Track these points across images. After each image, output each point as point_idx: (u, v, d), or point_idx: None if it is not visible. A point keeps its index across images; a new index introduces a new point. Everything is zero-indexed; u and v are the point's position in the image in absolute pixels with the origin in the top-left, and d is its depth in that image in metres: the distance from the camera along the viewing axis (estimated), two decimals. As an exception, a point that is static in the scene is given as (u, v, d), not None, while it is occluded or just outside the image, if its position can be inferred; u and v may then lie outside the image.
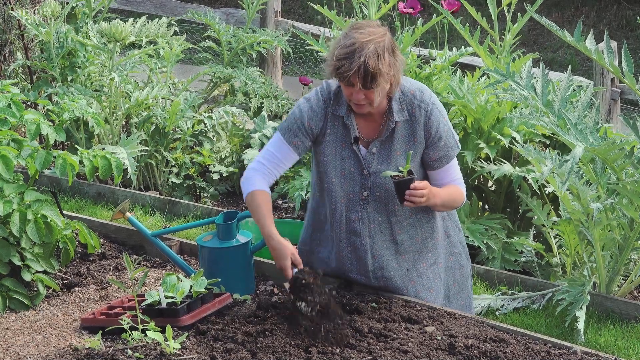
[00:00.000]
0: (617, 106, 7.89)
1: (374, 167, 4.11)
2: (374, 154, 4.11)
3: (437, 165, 4.16)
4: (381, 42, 3.90)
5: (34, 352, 3.88)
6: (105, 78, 6.79)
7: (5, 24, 7.38)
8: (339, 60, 3.90)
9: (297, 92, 8.53)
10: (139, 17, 7.55)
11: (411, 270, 4.23)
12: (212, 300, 4.04)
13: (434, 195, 4.06)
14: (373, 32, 3.92)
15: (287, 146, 4.11)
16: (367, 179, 4.12)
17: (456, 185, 4.20)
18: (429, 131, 4.10)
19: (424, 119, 4.08)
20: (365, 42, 3.88)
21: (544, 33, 13.71)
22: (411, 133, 4.10)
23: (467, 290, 4.40)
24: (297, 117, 4.11)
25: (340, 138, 4.12)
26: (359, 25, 3.97)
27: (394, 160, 4.09)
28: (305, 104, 4.13)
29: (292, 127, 4.11)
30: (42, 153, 4.37)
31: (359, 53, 3.86)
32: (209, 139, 7.03)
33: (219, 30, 7.85)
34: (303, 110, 4.12)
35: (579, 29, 4.72)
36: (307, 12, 14.97)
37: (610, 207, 4.88)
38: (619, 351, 4.61)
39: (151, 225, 6.08)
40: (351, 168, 4.12)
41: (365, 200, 4.14)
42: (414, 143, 4.10)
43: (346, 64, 3.88)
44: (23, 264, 4.39)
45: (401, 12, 6.45)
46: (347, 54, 3.88)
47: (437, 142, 4.11)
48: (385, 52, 3.90)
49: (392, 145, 4.10)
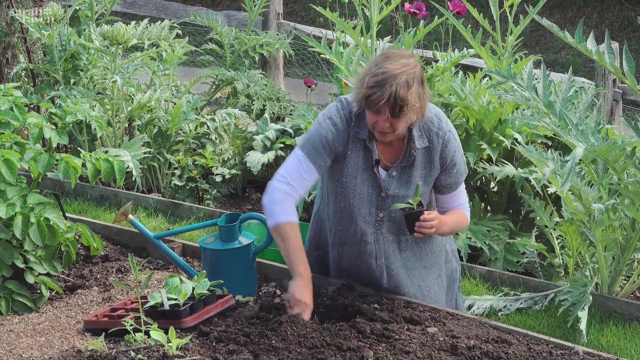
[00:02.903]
0: (619, 107, 7.90)
1: (392, 190, 4.13)
2: (394, 178, 4.12)
3: (447, 190, 4.21)
4: (412, 74, 3.89)
5: (37, 354, 3.89)
6: (107, 81, 6.80)
7: (7, 27, 7.39)
8: (370, 88, 3.88)
9: (299, 95, 8.55)
10: (142, 20, 7.57)
11: (422, 286, 4.28)
12: (214, 302, 4.05)
13: (442, 225, 4.12)
14: (405, 64, 3.90)
15: (312, 166, 4.07)
16: (384, 201, 4.14)
17: (462, 210, 4.27)
18: (444, 159, 4.13)
19: (440, 146, 4.12)
20: (398, 72, 3.87)
21: (546, 34, 13.71)
22: (428, 159, 4.13)
23: (453, 292, 4.45)
24: (321, 136, 4.07)
25: (362, 160, 4.11)
26: (391, 55, 3.95)
27: (413, 185, 4.12)
28: (328, 123, 4.08)
29: (317, 147, 4.07)
30: (45, 156, 4.38)
31: (390, 82, 3.85)
32: (211, 141, 7.04)
33: (221, 32, 7.86)
34: (328, 129, 4.07)
35: (579, 30, 4.72)
36: (309, 14, 14.98)
37: (612, 207, 4.89)
38: (621, 351, 4.61)
39: (154, 228, 6.09)
40: (369, 190, 4.13)
41: (380, 222, 4.17)
42: (430, 169, 4.14)
43: (377, 92, 3.86)
44: (26, 267, 4.40)
45: (407, 11, 6.45)
46: (378, 82, 3.87)
47: (451, 169, 4.16)
48: (415, 83, 3.90)
49: (412, 171, 4.12)
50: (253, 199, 6.97)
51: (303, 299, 3.92)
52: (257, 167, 6.70)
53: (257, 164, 6.72)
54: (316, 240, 4.37)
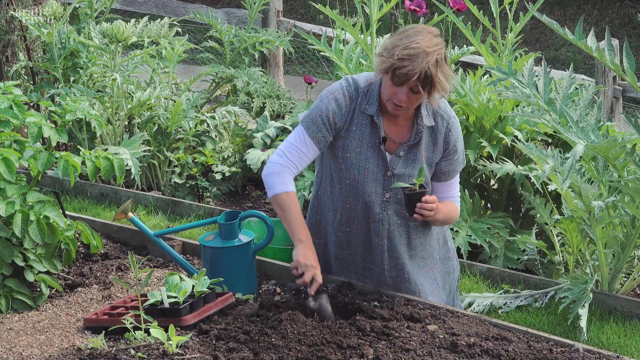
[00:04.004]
0: (619, 104, 7.90)
1: (399, 169, 4.13)
2: (400, 157, 4.13)
3: (444, 178, 4.21)
4: (442, 54, 3.92)
5: (37, 352, 3.89)
6: (107, 79, 6.80)
7: (7, 25, 7.38)
8: (401, 60, 3.88)
9: (299, 92, 8.54)
10: (141, 18, 7.57)
11: (419, 275, 4.27)
12: (214, 300, 4.05)
13: (438, 211, 4.12)
14: (437, 43, 3.92)
15: (310, 141, 4.09)
16: (390, 180, 4.14)
17: (454, 202, 4.27)
18: (447, 143, 4.15)
19: (445, 129, 4.13)
20: (430, 50, 3.87)
21: (546, 31, 13.70)
22: (432, 140, 4.14)
23: (453, 291, 4.46)
24: (321, 111, 4.08)
25: (367, 137, 4.11)
26: (421, 30, 3.95)
27: (419, 164, 4.12)
28: (330, 98, 4.10)
29: (316, 121, 4.09)
30: (45, 154, 4.38)
31: (422, 58, 3.86)
32: (211, 139, 7.04)
33: (221, 30, 7.86)
34: (328, 104, 4.09)
35: (579, 27, 4.72)
36: (309, 11, 14.97)
37: (612, 204, 4.89)
38: (622, 349, 4.61)
39: (154, 225, 6.08)
40: (375, 168, 4.13)
41: (386, 202, 4.16)
42: (433, 151, 4.15)
43: (409, 66, 3.86)
44: (26, 265, 4.40)
45: (407, 9, 6.45)
46: (411, 56, 3.87)
47: (452, 154, 4.17)
48: (444, 63, 3.92)
49: (419, 150, 4.13)
50: (253, 196, 6.97)
51: (309, 262, 3.96)
52: (257, 165, 6.70)
53: (257, 162, 6.72)
54: (316, 228, 4.36)
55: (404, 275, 4.24)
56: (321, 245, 4.34)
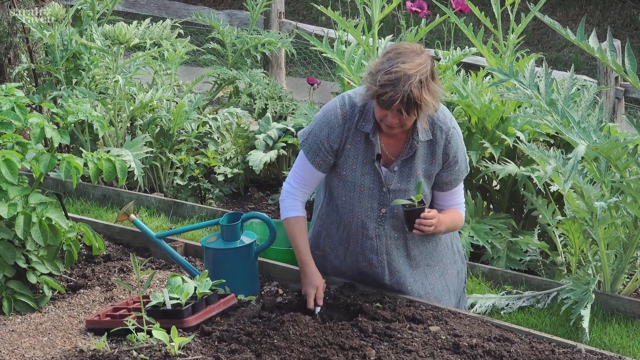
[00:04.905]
0: (621, 105, 7.88)
1: (394, 185, 4.14)
2: (395, 172, 4.13)
3: (447, 187, 4.21)
4: (425, 72, 3.88)
5: (39, 354, 3.89)
6: (109, 80, 6.80)
7: (9, 27, 7.39)
8: (382, 87, 3.86)
9: (301, 93, 8.54)
10: (143, 20, 7.57)
11: (425, 284, 4.29)
12: (216, 301, 4.05)
13: (440, 223, 4.13)
14: (419, 63, 3.88)
15: (311, 166, 4.16)
16: (385, 196, 4.14)
17: (458, 210, 4.27)
18: (447, 155, 4.14)
19: (444, 141, 4.12)
20: (412, 72, 3.84)
21: (548, 32, 13.70)
22: (431, 153, 4.13)
23: (459, 293, 4.47)
24: (316, 136, 4.13)
25: (362, 154, 4.13)
26: (403, 51, 3.93)
27: (414, 179, 4.13)
28: (323, 122, 4.13)
29: (313, 146, 4.14)
30: (47, 156, 4.38)
31: (404, 82, 3.84)
32: (213, 140, 7.04)
33: (223, 32, 7.86)
34: (322, 129, 4.12)
35: (581, 28, 4.72)
36: (311, 13, 14.97)
37: (614, 205, 4.88)
38: (624, 349, 4.60)
39: (156, 227, 6.09)
40: (370, 184, 4.14)
41: (383, 217, 4.17)
42: (432, 163, 4.14)
43: (390, 92, 3.85)
44: (28, 267, 4.41)
45: (409, 10, 6.45)
46: (392, 82, 3.85)
47: (453, 166, 4.17)
48: (428, 81, 3.89)
49: (414, 165, 4.13)
50: (255, 198, 6.97)
51: (310, 291, 4.07)
52: (259, 166, 6.70)
53: (259, 163, 6.72)
54: (316, 241, 4.37)
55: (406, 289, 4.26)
56: (320, 258, 4.35)
